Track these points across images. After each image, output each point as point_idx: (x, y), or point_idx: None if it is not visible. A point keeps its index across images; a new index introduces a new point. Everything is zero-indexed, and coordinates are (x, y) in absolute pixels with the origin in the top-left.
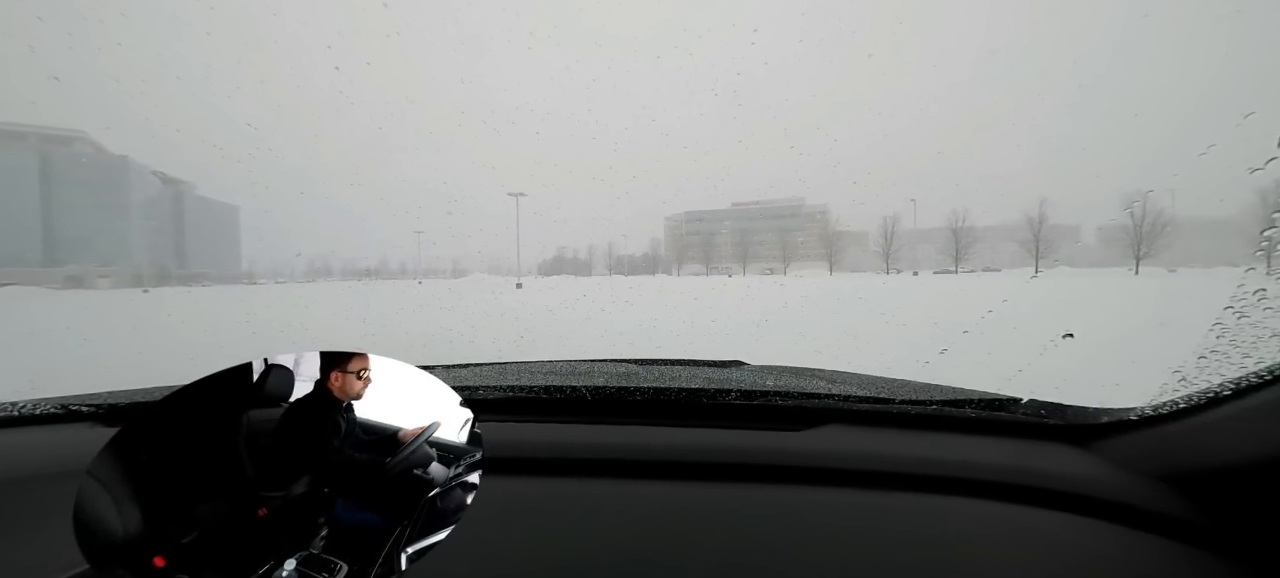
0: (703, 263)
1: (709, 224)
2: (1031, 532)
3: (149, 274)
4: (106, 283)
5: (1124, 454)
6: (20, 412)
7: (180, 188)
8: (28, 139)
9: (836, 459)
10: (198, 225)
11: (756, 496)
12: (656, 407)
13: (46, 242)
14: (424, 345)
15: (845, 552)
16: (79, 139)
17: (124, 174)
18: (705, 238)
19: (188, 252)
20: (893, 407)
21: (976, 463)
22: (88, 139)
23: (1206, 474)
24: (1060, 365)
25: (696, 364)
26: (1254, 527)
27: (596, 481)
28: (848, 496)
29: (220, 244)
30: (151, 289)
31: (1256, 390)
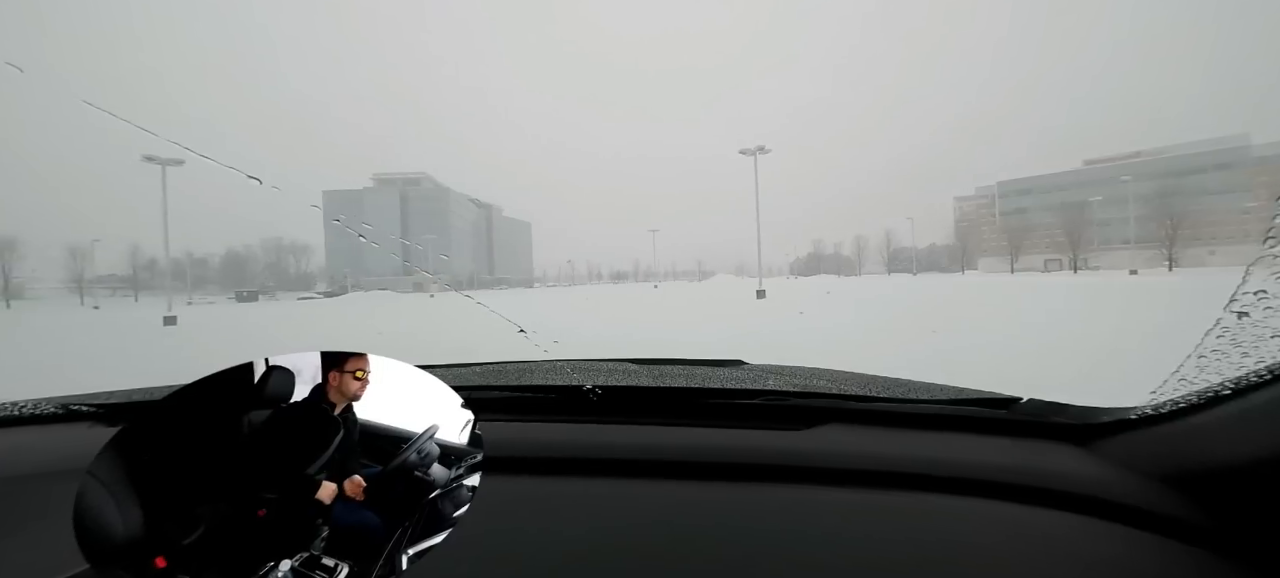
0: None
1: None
2: (1031, 531)
3: (464, 279)
4: (436, 287)
5: (1124, 454)
6: (20, 412)
7: (490, 211)
8: (394, 182)
9: (837, 459)
10: (502, 240)
11: (757, 495)
12: (657, 406)
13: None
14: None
15: (846, 551)
16: (424, 178)
17: (447, 202)
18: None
19: (495, 261)
20: (893, 406)
21: (976, 462)
22: (430, 178)
23: (1207, 474)
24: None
25: (697, 363)
26: (1254, 526)
27: (597, 480)
28: (848, 495)
29: (517, 254)
30: (471, 292)
31: (1257, 390)
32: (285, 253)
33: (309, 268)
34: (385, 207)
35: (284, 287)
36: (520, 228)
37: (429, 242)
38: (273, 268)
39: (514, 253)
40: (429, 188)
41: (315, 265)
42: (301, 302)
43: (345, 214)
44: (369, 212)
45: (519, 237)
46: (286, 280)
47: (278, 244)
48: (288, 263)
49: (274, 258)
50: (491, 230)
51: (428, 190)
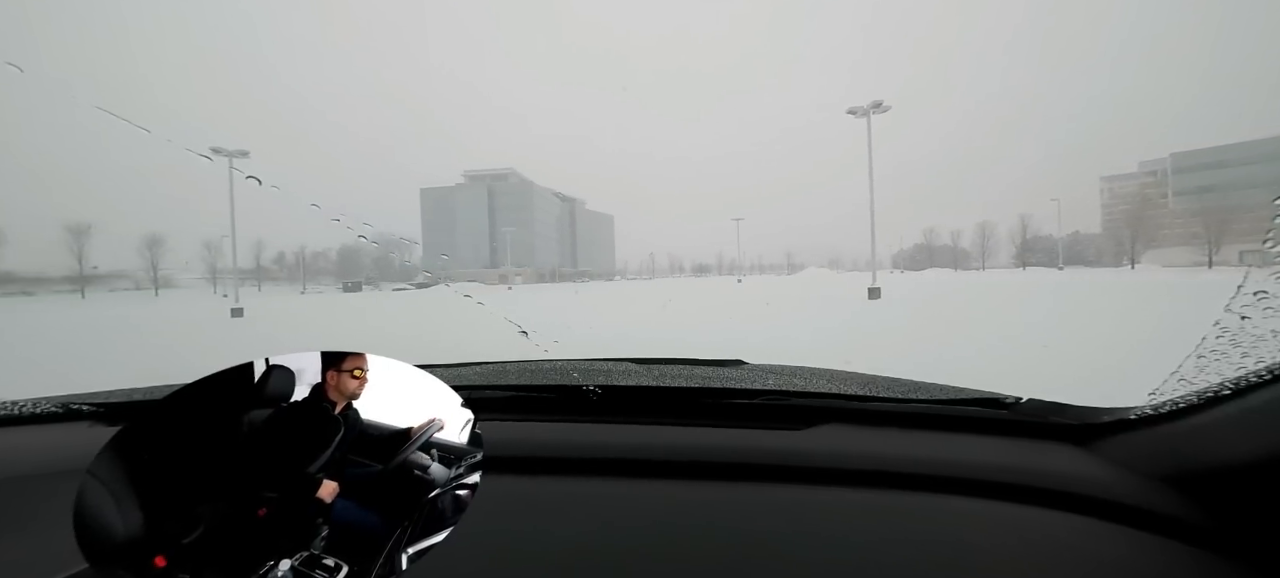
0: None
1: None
2: (1031, 531)
3: (547, 272)
4: (520, 278)
5: (1124, 454)
6: (20, 411)
7: (573, 204)
8: (483, 179)
9: (837, 458)
10: (585, 233)
11: (757, 495)
12: (657, 406)
13: (491, 250)
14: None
15: (845, 551)
16: (511, 173)
17: (532, 196)
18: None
19: (578, 254)
20: (893, 406)
21: (976, 462)
22: (516, 173)
23: (1207, 473)
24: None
25: (697, 363)
26: (1254, 526)
27: (597, 480)
28: (848, 495)
29: (600, 248)
30: (553, 284)
31: (1256, 390)
32: (392, 248)
33: (413, 261)
34: (474, 202)
35: (388, 278)
36: (603, 221)
37: (513, 235)
38: (380, 262)
39: (597, 246)
40: (515, 182)
41: (417, 259)
42: (396, 293)
43: (438, 211)
44: (460, 207)
45: (602, 230)
46: (391, 273)
47: (387, 239)
48: (392, 257)
49: (382, 252)
50: (575, 224)
51: (514, 185)
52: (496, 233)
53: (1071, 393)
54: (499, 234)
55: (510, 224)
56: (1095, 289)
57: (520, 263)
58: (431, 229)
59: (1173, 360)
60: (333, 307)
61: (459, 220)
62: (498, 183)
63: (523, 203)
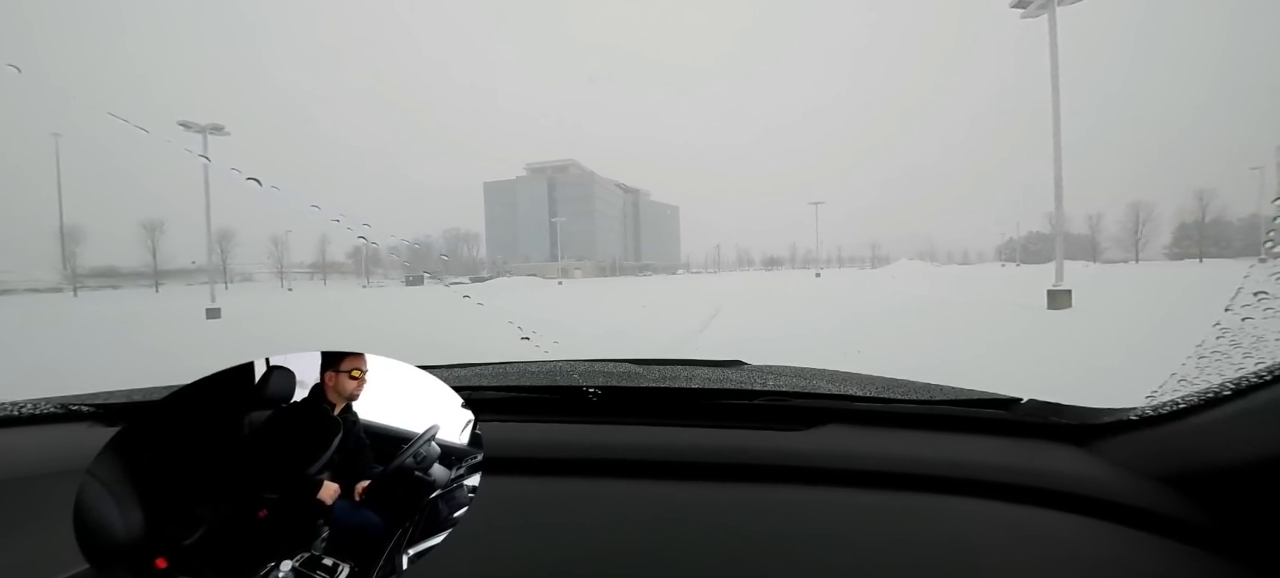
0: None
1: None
2: (1031, 532)
3: (608, 265)
4: (580, 272)
5: (1124, 454)
6: (20, 412)
7: (636, 195)
8: (543, 171)
9: (837, 459)
10: (649, 225)
11: (757, 495)
12: (657, 406)
13: (551, 243)
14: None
15: (846, 551)
16: (572, 165)
17: (593, 187)
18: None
19: (642, 246)
20: (893, 406)
21: (976, 463)
22: (577, 164)
23: (1207, 474)
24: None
25: (697, 364)
26: (1255, 527)
27: (597, 480)
28: (848, 495)
29: (664, 239)
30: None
31: (1257, 390)
32: (459, 242)
33: (479, 254)
34: (535, 195)
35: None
36: (667, 212)
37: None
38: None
39: (661, 238)
40: (576, 174)
41: (482, 253)
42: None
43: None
44: (521, 200)
45: (666, 221)
46: (457, 267)
47: (455, 234)
48: (460, 250)
49: (450, 246)
50: (639, 215)
51: (574, 177)
52: (558, 226)
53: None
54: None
55: (571, 216)
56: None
57: (581, 256)
58: (494, 224)
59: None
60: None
61: (520, 214)
62: (558, 175)
63: (583, 194)
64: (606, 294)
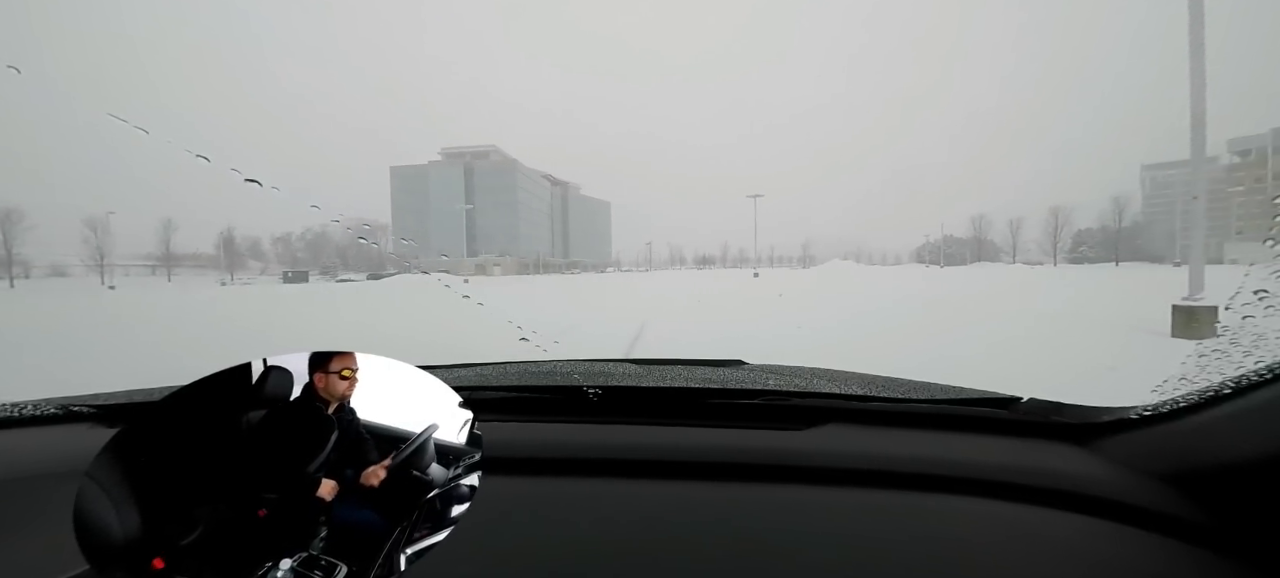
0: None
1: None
2: (1031, 531)
3: (532, 262)
4: (499, 269)
5: (1124, 453)
6: (20, 412)
7: (566, 188)
8: (461, 156)
9: (837, 458)
10: (579, 220)
11: (757, 495)
12: (657, 406)
13: (469, 236)
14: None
15: (846, 551)
16: (493, 150)
17: (516, 176)
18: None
19: (571, 243)
20: (894, 405)
21: (977, 462)
22: (499, 150)
23: (1207, 473)
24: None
25: (697, 364)
26: (1255, 525)
27: (597, 480)
28: (849, 495)
29: (596, 236)
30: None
31: (1257, 389)
32: (374, 234)
33: (385, 248)
34: (450, 182)
35: (359, 268)
36: (598, 208)
37: (495, 221)
38: (347, 250)
39: (592, 235)
40: (498, 161)
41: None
42: (344, 283)
43: (409, 191)
44: (434, 188)
45: (598, 218)
46: (362, 262)
47: (364, 226)
48: (375, 243)
49: (352, 239)
50: (567, 210)
51: (497, 164)
52: (475, 217)
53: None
54: (477, 219)
55: (491, 207)
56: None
57: (502, 251)
58: (403, 214)
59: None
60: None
61: (433, 203)
62: (478, 161)
63: (505, 183)
64: (519, 295)
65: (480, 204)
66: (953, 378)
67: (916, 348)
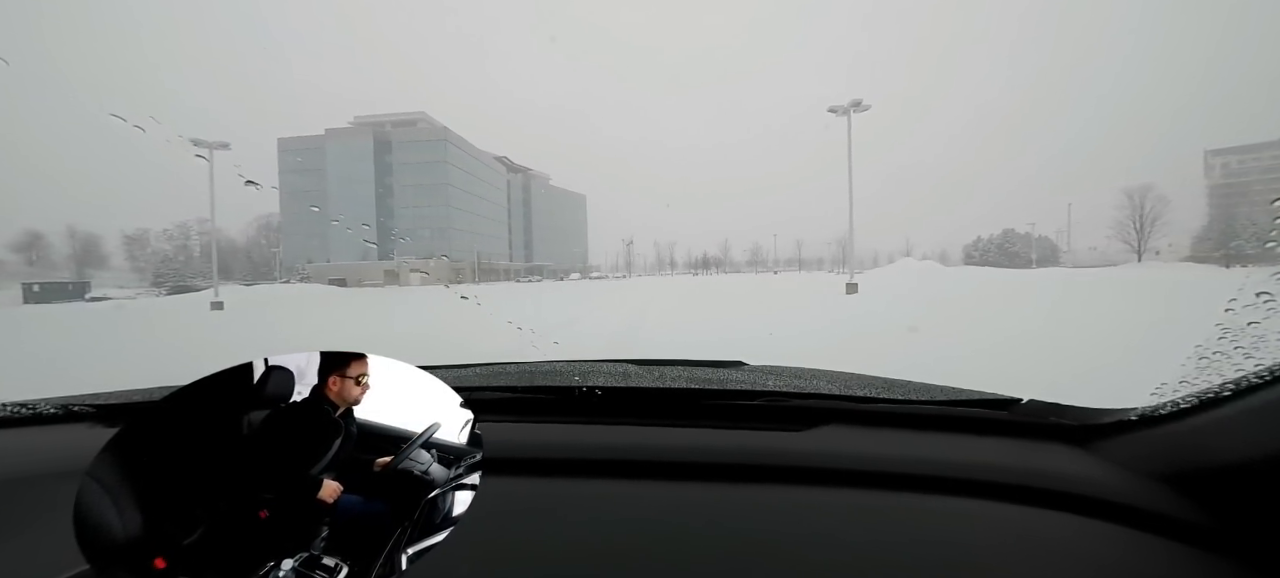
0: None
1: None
2: (1032, 532)
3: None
4: (419, 277)
5: (1125, 454)
6: (20, 412)
7: (527, 175)
8: (374, 125)
9: (837, 459)
10: (546, 216)
11: (757, 496)
12: (657, 407)
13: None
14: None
15: (846, 552)
16: (422, 119)
17: (446, 153)
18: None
19: (535, 243)
20: (893, 407)
21: (977, 463)
22: (428, 118)
23: (1207, 474)
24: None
25: (697, 364)
26: (1255, 527)
27: (596, 481)
28: (848, 496)
29: (568, 235)
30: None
31: (1257, 391)
32: (262, 230)
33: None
34: (358, 159)
35: (262, 277)
36: (572, 201)
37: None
38: (246, 252)
39: (563, 233)
40: (426, 130)
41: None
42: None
43: (300, 170)
44: (335, 166)
45: (570, 213)
46: (255, 271)
47: (267, 224)
48: (265, 246)
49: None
50: (530, 201)
51: (424, 133)
52: (391, 206)
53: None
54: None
55: (415, 192)
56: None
57: (428, 252)
58: (293, 200)
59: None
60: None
61: (333, 187)
62: (399, 131)
63: (435, 161)
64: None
65: (400, 189)
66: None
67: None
